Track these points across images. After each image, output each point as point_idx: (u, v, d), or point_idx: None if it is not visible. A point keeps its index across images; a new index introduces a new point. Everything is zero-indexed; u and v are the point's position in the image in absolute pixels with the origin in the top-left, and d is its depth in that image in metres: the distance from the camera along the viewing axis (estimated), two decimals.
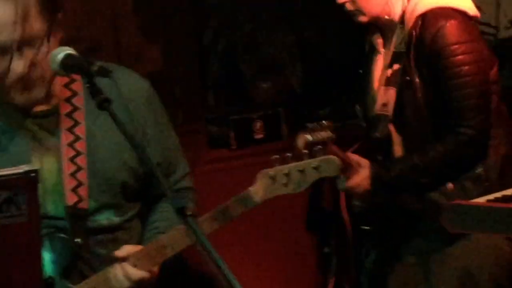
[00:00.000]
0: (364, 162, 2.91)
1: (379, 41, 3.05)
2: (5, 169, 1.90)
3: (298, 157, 2.46)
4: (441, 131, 2.92)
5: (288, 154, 2.50)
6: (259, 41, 4.32)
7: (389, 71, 2.98)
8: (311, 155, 2.44)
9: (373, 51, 3.10)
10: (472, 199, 2.53)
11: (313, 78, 4.42)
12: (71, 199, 2.43)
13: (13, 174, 1.91)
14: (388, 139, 3.01)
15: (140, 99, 2.50)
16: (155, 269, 2.45)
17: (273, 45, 4.34)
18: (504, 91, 3.10)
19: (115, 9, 4.14)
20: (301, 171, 2.41)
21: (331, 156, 2.46)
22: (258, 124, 4.12)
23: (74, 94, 2.44)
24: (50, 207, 2.40)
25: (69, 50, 2.23)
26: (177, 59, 4.21)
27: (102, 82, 2.16)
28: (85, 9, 3.99)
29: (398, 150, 2.99)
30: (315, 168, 2.41)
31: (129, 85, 2.49)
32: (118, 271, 2.40)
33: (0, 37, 2.29)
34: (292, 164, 2.41)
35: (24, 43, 2.31)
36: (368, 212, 3.19)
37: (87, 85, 2.16)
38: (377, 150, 3.06)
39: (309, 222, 4.00)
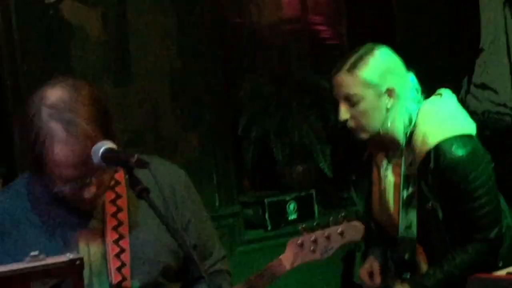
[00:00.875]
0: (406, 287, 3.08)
1: (381, 157, 3.14)
2: (52, 257, 1.93)
3: (324, 225, 2.54)
4: (457, 242, 3.06)
5: (315, 223, 2.59)
6: (289, 128, 4.35)
7: (405, 194, 3.08)
8: (336, 222, 2.52)
9: (371, 162, 3.20)
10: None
11: (341, 161, 4.40)
12: (116, 279, 2.47)
13: (60, 263, 1.93)
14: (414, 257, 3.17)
15: (177, 187, 2.55)
16: None
17: (303, 131, 4.35)
18: None
19: (155, 100, 4.18)
20: (327, 238, 2.48)
21: (355, 222, 2.55)
22: (292, 206, 4.32)
23: (117, 183, 2.50)
24: (96, 287, 2.46)
25: (109, 145, 2.28)
26: (213, 147, 4.24)
27: (141, 172, 2.21)
28: (127, 102, 4.01)
29: (423, 263, 3.12)
30: (340, 233, 2.49)
31: (166, 174, 2.53)
32: None
33: (67, 173, 2.33)
34: (319, 232, 2.49)
35: (92, 173, 2.35)
36: None
37: (127, 176, 2.27)
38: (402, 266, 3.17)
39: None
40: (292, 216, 4.31)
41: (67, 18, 4.09)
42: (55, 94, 2.31)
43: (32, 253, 1.91)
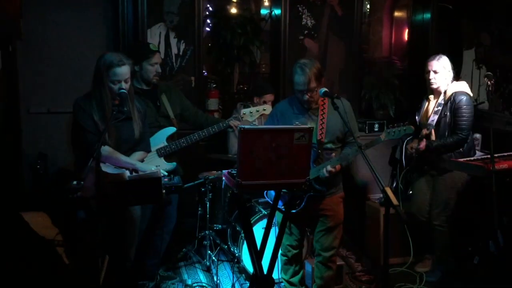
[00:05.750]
0: (424, 142, 4.95)
1: (432, 98, 5.12)
2: (302, 125, 3.33)
3: (394, 126, 3.89)
4: (451, 133, 4.90)
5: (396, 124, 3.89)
6: (380, 97, 6.78)
7: (435, 109, 4.95)
8: (403, 124, 3.80)
9: (425, 101, 5.11)
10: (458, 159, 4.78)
11: (403, 108, 6.73)
12: (319, 137, 4.07)
13: (304, 127, 3.32)
14: (430, 134, 5.03)
15: (347, 107, 4.18)
16: (337, 167, 4.12)
17: (384, 99, 6.58)
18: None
19: (334, 79, 6.55)
20: (398, 131, 3.88)
21: (411, 126, 3.95)
22: (376, 126, 6.70)
23: (324, 102, 4.16)
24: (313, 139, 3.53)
25: (325, 89, 4.01)
26: (356, 101, 6.30)
27: (336, 100, 3.94)
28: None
29: (434, 138, 5.01)
30: (404, 129, 3.91)
31: (345, 102, 4.09)
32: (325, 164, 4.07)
33: (299, 87, 3.90)
34: (396, 128, 3.86)
35: (307, 90, 4.05)
36: (420, 158, 5.19)
37: (331, 100, 4.01)
38: (425, 137, 5.05)
39: (390, 160, 5.90)
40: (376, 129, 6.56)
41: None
42: (303, 60, 3.98)
43: (296, 122, 3.57)
